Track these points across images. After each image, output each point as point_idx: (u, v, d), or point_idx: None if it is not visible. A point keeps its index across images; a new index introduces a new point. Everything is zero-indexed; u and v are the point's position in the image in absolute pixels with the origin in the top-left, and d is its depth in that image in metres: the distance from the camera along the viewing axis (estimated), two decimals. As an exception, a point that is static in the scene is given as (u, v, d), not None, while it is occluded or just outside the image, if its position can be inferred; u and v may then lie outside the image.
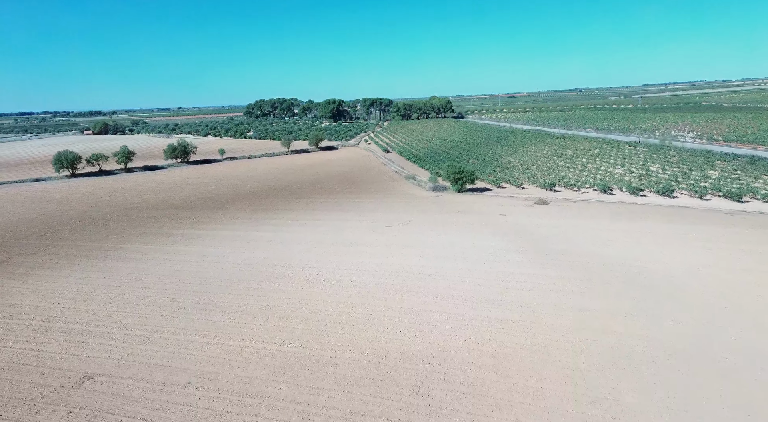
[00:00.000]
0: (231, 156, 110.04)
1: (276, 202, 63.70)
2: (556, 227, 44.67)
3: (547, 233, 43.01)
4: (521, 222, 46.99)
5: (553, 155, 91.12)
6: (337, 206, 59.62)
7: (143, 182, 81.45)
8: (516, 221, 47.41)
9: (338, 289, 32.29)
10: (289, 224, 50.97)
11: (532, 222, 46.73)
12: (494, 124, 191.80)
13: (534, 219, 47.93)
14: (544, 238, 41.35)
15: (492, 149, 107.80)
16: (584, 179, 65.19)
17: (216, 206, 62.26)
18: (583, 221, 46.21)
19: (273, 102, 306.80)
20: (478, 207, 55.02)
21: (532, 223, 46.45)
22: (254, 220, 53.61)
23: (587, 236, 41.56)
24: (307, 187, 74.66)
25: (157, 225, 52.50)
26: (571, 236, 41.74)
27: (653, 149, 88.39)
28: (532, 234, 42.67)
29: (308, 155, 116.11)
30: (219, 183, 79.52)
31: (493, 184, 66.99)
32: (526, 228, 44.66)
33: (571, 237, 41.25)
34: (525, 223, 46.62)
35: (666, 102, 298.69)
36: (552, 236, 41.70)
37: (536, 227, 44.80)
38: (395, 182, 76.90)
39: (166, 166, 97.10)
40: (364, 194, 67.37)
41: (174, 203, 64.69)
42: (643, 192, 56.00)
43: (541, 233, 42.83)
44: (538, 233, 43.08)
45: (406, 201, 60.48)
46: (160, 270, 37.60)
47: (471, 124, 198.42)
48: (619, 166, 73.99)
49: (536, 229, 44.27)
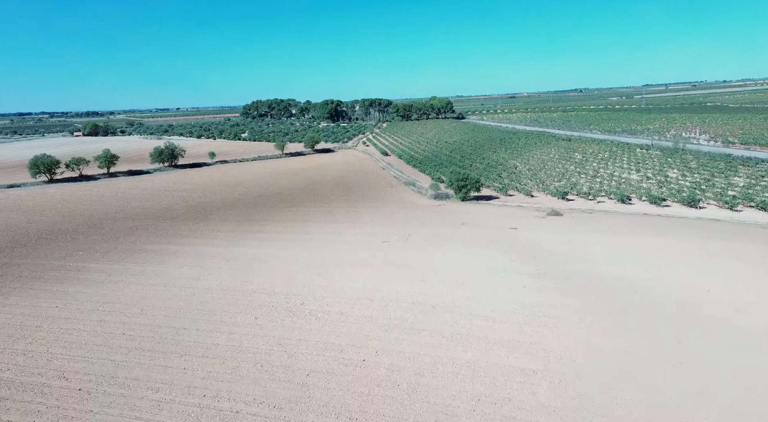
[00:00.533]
0: (222, 160, 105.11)
1: (264, 211, 58.81)
2: (573, 244, 39.79)
3: (565, 251, 38.13)
4: (534, 237, 42.10)
5: (560, 159, 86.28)
6: (330, 216, 54.75)
7: (125, 188, 76.50)
8: (528, 237, 42.52)
9: (325, 324, 27.39)
10: (276, 238, 46.08)
11: (547, 238, 41.83)
12: (496, 125, 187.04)
13: (548, 234, 43.04)
14: (562, 257, 36.46)
15: (496, 151, 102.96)
16: (598, 186, 60.33)
17: (199, 216, 57.38)
18: (604, 237, 41.31)
19: (270, 103, 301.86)
20: (485, 219, 50.15)
21: (546, 239, 41.55)
22: (238, 233, 48.73)
23: (611, 255, 36.66)
24: (299, 194, 69.76)
25: (131, 239, 47.59)
26: (593, 255, 36.85)
27: (667, 153, 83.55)
28: (547, 253, 37.77)
29: (303, 158, 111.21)
30: (205, 190, 74.61)
31: (499, 191, 62.12)
32: (541, 245, 39.77)
33: (593, 256, 36.36)
34: (538, 238, 41.73)
35: (670, 102, 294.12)
36: (571, 255, 36.82)
37: (552, 244, 39.91)
38: (394, 188, 72.03)
39: (153, 170, 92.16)
40: (360, 202, 62.47)
41: (154, 213, 59.78)
42: (665, 202, 51.12)
43: (557, 252, 37.94)
44: (555, 251, 38.18)
45: (406, 211, 55.61)
46: (123, 297, 32.70)
47: (472, 125, 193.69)
48: (634, 171, 69.11)
49: (552, 246, 39.37)
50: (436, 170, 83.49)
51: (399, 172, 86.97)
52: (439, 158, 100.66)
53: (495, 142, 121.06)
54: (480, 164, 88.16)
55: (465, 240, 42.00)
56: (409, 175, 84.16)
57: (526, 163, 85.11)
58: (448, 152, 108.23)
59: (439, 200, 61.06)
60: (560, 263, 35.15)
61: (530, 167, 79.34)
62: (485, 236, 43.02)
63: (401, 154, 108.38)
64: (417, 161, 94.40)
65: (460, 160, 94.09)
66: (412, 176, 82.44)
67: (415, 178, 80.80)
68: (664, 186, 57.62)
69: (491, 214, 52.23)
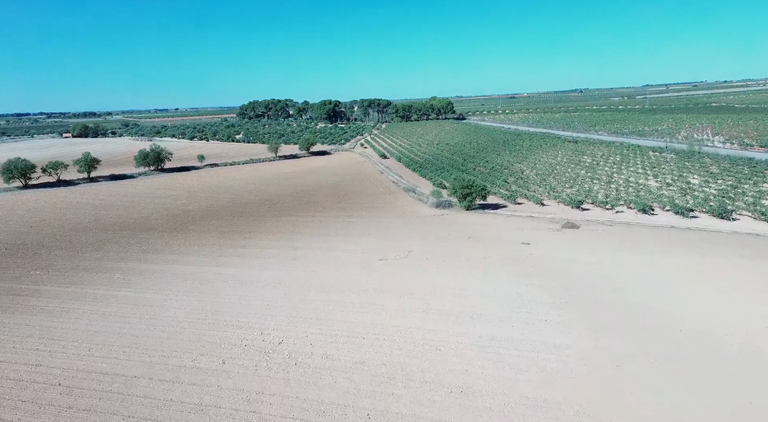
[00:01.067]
0: (211, 163, 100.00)
1: (250, 222, 53.77)
2: (597, 264, 34.79)
3: (589, 273, 33.14)
4: (551, 255, 37.10)
5: (569, 163, 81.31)
6: (322, 227, 49.74)
7: (104, 195, 71.44)
8: (544, 254, 37.52)
9: (305, 373, 22.39)
10: (260, 254, 41.05)
11: (565, 256, 36.82)
12: (498, 126, 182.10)
13: (566, 251, 38.03)
14: (587, 282, 31.47)
15: (500, 154, 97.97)
16: (615, 194, 55.35)
17: (179, 227, 52.34)
18: (632, 256, 36.29)
19: (267, 103, 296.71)
20: (493, 232, 45.14)
21: (565, 257, 36.55)
22: (218, 248, 43.70)
23: (644, 279, 31.66)
24: (290, 201, 64.73)
25: (97, 255, 42.56)
26: (622, 279, 31.85)
27: (683, 156, 78.62)
28: (568, 275, 32.78)
29: (297, 161, 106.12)
30: (190, 196, 69.56)
31: (507, 199, 57.12)
32: (560, 265, 34.78)
33: (623, 282, 31.36)
34: (556, 257, 36.72)
35: (674, 103, 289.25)
36: (597, 280, 31.81)
37: (572, 264, 34.91)
38: (392, 195, 67.00)
39: (137, 175, 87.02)
40: (355, 211, 57.47)
41: (131, 223, 54.73)
42: (692, 212, 46.14)
43: (580, 274, 32.95)
44: (577, 273, 33.19)
45: (405, 222, 50.60)
46: (72, 332, 27.68)
47: (473, 126, 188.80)
48: (651, 177, 64.15)
49: (572, 267, 34.38)
50: (437, 174, 78.52)
51: (398, 176, 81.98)
52: (440, 161, 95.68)
53: (498, 144, 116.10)
54: (484, 167, 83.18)
55: (472, 259, 36.99)
56: (408, 179, 79.18)
57: (532, 167, 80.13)
58: (449, 155, 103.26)
59: (441, 208, 56.04)
60: (585, 291, 30.16)
61: (538, 172, 74.36)
62: (495, 254, 38.01)
63: (400, 157, 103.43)
64: (417, 165, 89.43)
65: (462, 163, 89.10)
66: (412, 181, 77.45)
67: (415, 183, 75.81)
68: (687, 194, 52.65)
69: (500, 226, 47.22)
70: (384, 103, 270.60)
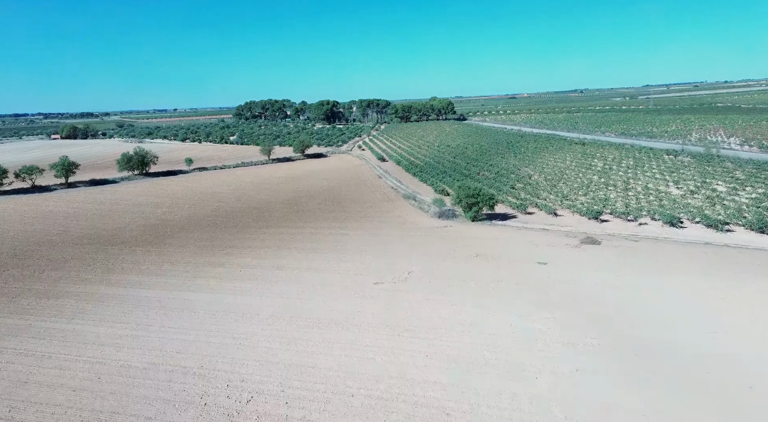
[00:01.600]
0: (200, 166, 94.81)
1: (234, 233, 48.73)
2: (628, 291, 29.76)
3: (620, 302, 28.11)
4: (573, 279, 32.07)
5: (579, 167, 76.33)
6: (312, 241, 44.71)
7: (80, 202, 66.35)
8: (564, 277, 32.50)
9: (277, 451, 17.34)
10: (239, 275, 36.02)
11: (590, 280, 31.80)
12: (500, 127, 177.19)
13: (590, 274, 33.00)
14: (619, 314, 26.45)
15: (504, 157, 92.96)
16: (636, 203, 50.36)
17: (154, 240, 47.30)
18: (668, 279, 31.26)
19: (264, 103, 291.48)
20: (504, 248, 40.09)
21: (589, 282, 31.52)
22: (194, 267, 38.67)
23: (688, 310, 26.64)
24: (280, 209, 59.69)
25: (56, 275, 37.52)
26: (661, 310, 26.83)
27: (701, 160, 73.66)
28: (596, 305, 27.76)
29: (291, 164, 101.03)
30: (173, 204, 64.48)
31: (516, 209, 52.11)
32: (584, 292, 29.76)
33: (663, 313, 26.34)
34: (578, 281, 31.70)
35: (678, 103, 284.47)
36: (631, 311, 26.79)
37: (599, 291, 29.89)
38: (391, 202, 61.97)
39: (119, 179, 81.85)
40: (350, 221, 52.44)
41: (102, 236, 49.68)
42: (727, 225, 41.13)
43: (610, 304, 27.93)
44: (606, 302, 28.16)
45: (404, 235, 45.56)
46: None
47: (474, 127, 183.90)
48: (671, 183, 59.14)
49: (600, 294, 29.35)
50: (438, 179, 73.53)
51: (397, 181, 76.97)
52: (441, 164, 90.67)
53: (502, 146, 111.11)
54: (488, 172, 78.18)
55: (482, 283, 31.95)
56: (408, 185, 74.20)
57: (540, 171, 75.14)
58: (451, 158, 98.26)
59: (444, 219, 51.00)
60: (620, 327, 25.13)
61: (547, 177, 69.36)
62: (508, 277, 32.98)
63: (400, 160, 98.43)
64: (417, 169, 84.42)
65: (465, 167, 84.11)
66: (412, 187, 72.46)
67: (415, 189, 70.82)
68: (716, 204, 47.65)
69: (511, 241, 42.17)
70: (383, 103, 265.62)
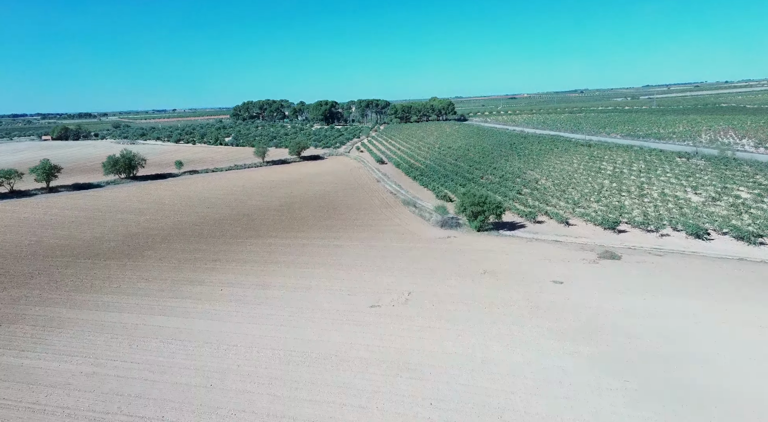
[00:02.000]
0: (191, 169, 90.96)
1: (219, 245, 44.97)
2: (661, 318, 25.98)
3: (652, 333, 24.34)
4: (594, 303, 28.30)
5: (588, 170, 72.59)
6: (303, 254, 40.96)
7: (60, 208, 62.53)
8: (585, 300, 28.73)
9: None
10: (219, 297, 32.25)
11: (614, 304, 28.03)
12: (502, 127, 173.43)
13: (613, 296, 29.22)
14: (654, 349, 22.69)
15: (508, 160, 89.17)
16: (654, 211, 46.61)
17: (133, 252, 43.55)
18: (704, 305, 27.47)
19: (261, 104, 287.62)
20: (515, 263, 36.29)
21: (613, 306, 27.75)
22: (171, 284, 34.90)
23: (734, 344, 22.90)
24: (271, 217, 55.93)
25: (18, 294, 33.76)
26: (703, 343, 23.07)
27: (716, 163, 69.92)
28: (625, 337, 24.01)
29: (286, 167, 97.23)
30: (158, 210, 60.68)
31: (525, 217, 48.37)
32: (609, 320, 25.99)
33: (706, 348, 22.58)
34: (601, 305, 27.93)
35: (681, 103, 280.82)
36: (667, 345, 23.01)
37: (626, 318, 26.11)
38: (390, 209, 58.19)
39: (104, 184, 78.00)
40: (345, 230, 48.68)
41: (77, 246, 45.91)
42: (760, 238, 37.39)
43: (641, 335, 24.16)
44: (636, 333, 24.40)
45: (404, 248, 41.78)
46: None
47: (476, 128, 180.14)
48: (689, 189, 55.37)
49: (628, 323, 25.58)
50: (440, 183, 69.81)
51: (397, 186, 73.22)
52: (443, 167, 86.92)
53: (505, 147, 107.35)
54: (492, 175, 74.45)
55: (492, 307, 28.18)
56: (408, 189, 70.47)
57: (547, 175, 71.39)
58: (452, 160, 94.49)
59: (447, 228, 47.24)
60: (658, 366, 21.37)
61: (555, 182, 65.61)
62: (521, 299, 29.21)
63: (399, 162, 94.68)
64: (417, 172, 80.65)
65: (468, 170, 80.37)
66: (412, 191, 68.74)
67: (416, 193, 67.11)
68: (743, 213, 43.92)
69: (521, 254, 38.38)
70: (382, 103, 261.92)
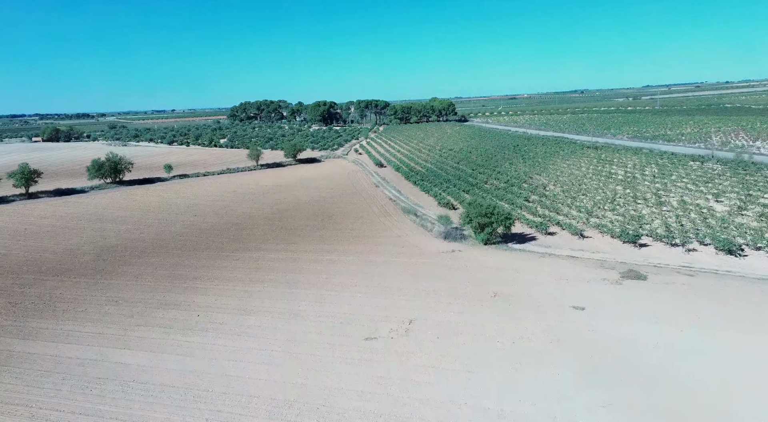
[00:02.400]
0: (182, 173, 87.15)
1: (203, 260, 41.14)
2: (708, 357, 22.20)
3: (702, 378, 20.58)
4: (624, 335, 24.50)
5: (598, 175, 68.82)
6: (293, 271, 37.15)
7: (36, 216, 58.72)
8: (613, 332, 24.92)
9: None
10: (195, 325, 28.44)
11: (648, 337, 24.22)
12: (504, 129, 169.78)
13: (645, 327, 25.41)
14: (713, 403, 18.91)
15: (513, 163, 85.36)
16: (676, 222, 42.82)
17: (107, 268, 39.73)
18: (756, 340, 23.63)
19: (259, 104, 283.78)
20: (528, 284, 32.46)
21: (648, 340, 23.95)
22: (143, 308, 31.09)
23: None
24: (262, 226, 52.13)
25: (-35, 323, 29.86)
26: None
27: (734, 167, 66.19)
28: (672, 385, 20.24)
29: (281, 170, 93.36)
30: (141, 219, 56.84)
31: (536, 228, 44.55)
32: (647, 359, 22.21)
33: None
34: (633, 338, 24.14)
35: (684, 103, 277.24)
36: (725, 398, 19.23)
37: (667, 357, 22.33)
38: (389, 218, 54.37)
39: (88, 189, 74.18)
40: (340, 242, 44.87)
41: (48, 261, 42.08)
42: (800, 255, 33.62)
43: (690, 381, 20.39)
44: (684, 379, 20.62)
45: (405, 264, 37.96)
46: None
47: (477, 129, 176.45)
48: (710, 196, 51.61)
49: (669, 363, 21.80)
50: (442, 189, 66.04)
51: (396, 191, 69.42)
52: (444, 170, 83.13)
53: (508, 150, 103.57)
54: (497, 180, 70.67)
55: (507, 342, 24.36)
56: (408, 195, 66.68)
57: (555, 180, 67.61)
58: (454, 163, 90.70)
59: (451, 241, 43.43)
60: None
61: (564, 187, 61.85)
62: (540, 331, 25.39)
63: (399, 165, 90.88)
64: (418, 176, 76.88)
65: (470, 174, 76.60)
66: (413, 198, 64.94)
67: (416, 200, 63.32)
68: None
69: (534, 273, 34.54)
70: (382, 104, 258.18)
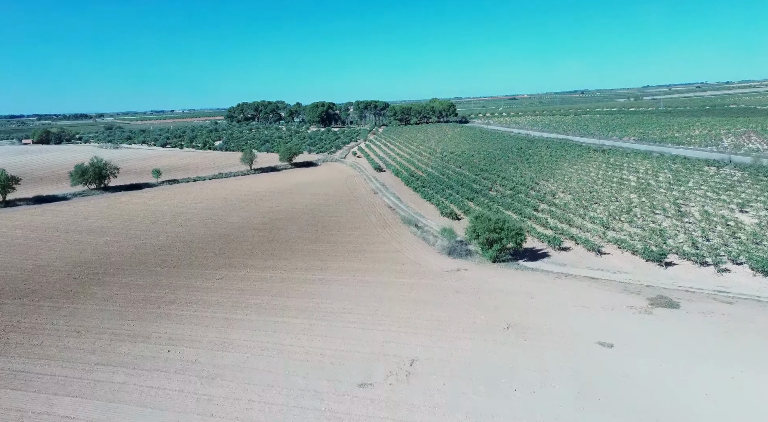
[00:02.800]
0: (171, 178, 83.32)
1: (182, 279, 37.33)
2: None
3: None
4: (664, 380, 20.76)
5: (609, 181, 65.07)
6: (280, 293, 33.38)
7: (9, 227, 54.88)
8: (650, 378, 21.16)
9: None
10: (162, 364, 24.64)
11: (694, 386, 20.48)
12: (506, 130, 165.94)
13: (689, 371, 21.66)
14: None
15: (518, 167, 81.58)
16: (702, 237, 39.06)
17: (76, 289, 35.94)
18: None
19: (257, 105, 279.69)
20: (544, 311, 28.67)
21: (694, 390, 20.22)
22: (107, 341, 27.32)
23: None
24: (251, 238, 48.37)
25: None
26: None
27: (755, 173, 62.48)
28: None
29: (275, 175, 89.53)
30: (123, 229, 53.03)
31: (549, 243, 40.79)
32: (700, 415, 18.39)
33: None
34: (675, 384, 20.40)
35: (687, 104, 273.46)
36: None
37: (724, 412, 18.53)
38: (388, 229, 50.59)
39: (71, 196, 70.38)
40: (334, 258, 41.08)
41: (14, 279, 38.28)
42: None
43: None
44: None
45: (405, 285, 34.17)
46: None
47: (478, 130, 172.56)
48: (734, 206, 47.89)
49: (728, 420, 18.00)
50: (444, 196, 62.31)
51: (396, 199, 65.67)
52: (446, 175, 79.39)
53: (512, 153, 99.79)
54: (502, 186, 66.93)
55: (525, 388, 20.59)
56: (408, 203, 62.98)
57: (564, 187, 63.88)
58: (456, 168, 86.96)
59: (456, 257, 39.66)
60: None
61: (575, 196, 58.12)
62: (563, 375, 21.62)
63: (399, 170, 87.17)
64: (419, 182, 73.14)
65: (474, 180, 72.90)
66: (413, 206, 61.23)
67: (417, 208, 59.62)
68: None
69: (551, 297, 30.75)
70: (381, 105, 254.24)
